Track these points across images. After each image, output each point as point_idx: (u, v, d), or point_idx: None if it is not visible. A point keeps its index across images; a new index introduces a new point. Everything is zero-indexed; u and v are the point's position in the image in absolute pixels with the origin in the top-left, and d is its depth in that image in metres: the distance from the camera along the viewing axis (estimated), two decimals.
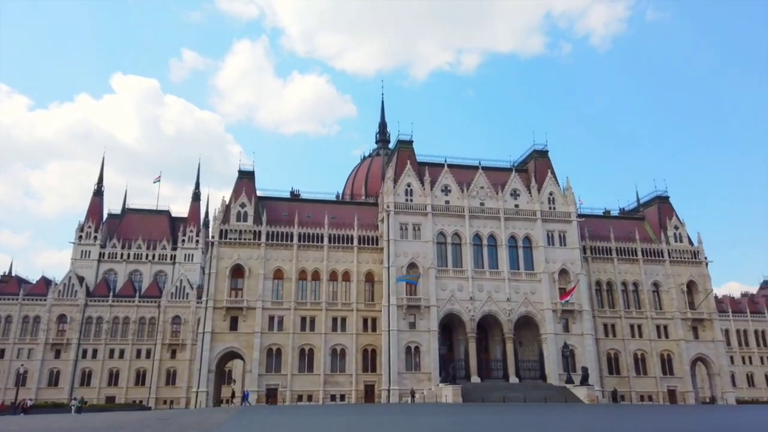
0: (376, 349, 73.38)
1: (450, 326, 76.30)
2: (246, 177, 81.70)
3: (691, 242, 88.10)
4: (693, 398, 78.93)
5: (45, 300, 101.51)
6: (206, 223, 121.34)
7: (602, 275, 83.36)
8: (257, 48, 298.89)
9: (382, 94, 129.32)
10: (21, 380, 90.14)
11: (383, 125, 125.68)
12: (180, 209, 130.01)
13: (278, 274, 75.48)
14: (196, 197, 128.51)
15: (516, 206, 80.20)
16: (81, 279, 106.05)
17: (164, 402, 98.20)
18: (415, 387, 67.86)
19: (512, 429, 24.61)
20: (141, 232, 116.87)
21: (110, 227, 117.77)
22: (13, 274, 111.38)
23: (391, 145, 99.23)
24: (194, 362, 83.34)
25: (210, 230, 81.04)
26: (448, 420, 30.70)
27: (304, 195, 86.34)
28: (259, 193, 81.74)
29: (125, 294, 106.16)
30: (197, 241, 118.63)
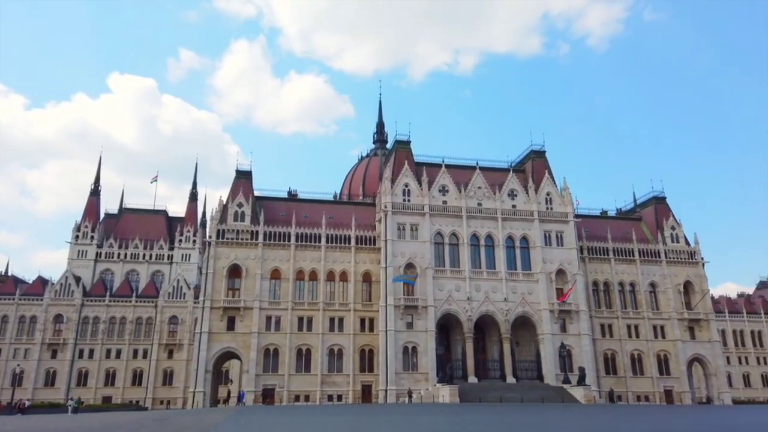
0: (374, 350, 73.40)
1: (447, 326, 76.36)
2: (243, 177, 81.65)
3: (688, 243, 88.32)
4: (689, 398, 79.18)
5: (41, 300, 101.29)
6: (203, 223, 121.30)
7: (599, 275, 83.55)
8: (255, 48, 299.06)
9: (380, 94, 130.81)
10: (17, 380, 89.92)
11: (381, 125, 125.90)
12: (177, 209, 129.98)
13: (275, 274, 75.45)
14: (194, 197, 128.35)
15: (513, 206, 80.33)
16: (78, 279, 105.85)
17: (161, 402, 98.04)
18: (413, 387, 67.88)
19: (509, 429, 24.64)
20: (138, 232, 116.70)
21: (107, 227, 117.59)
22: (10, 274, 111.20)
23: (389, 146, 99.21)
24: (191, 362, 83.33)
25: (207, 230, 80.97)
26: (446, 420, 30.72)
27: (302, 195, 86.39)
28: (257, 193, 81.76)
29: (122, 294, 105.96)
30: (194, 241, 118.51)
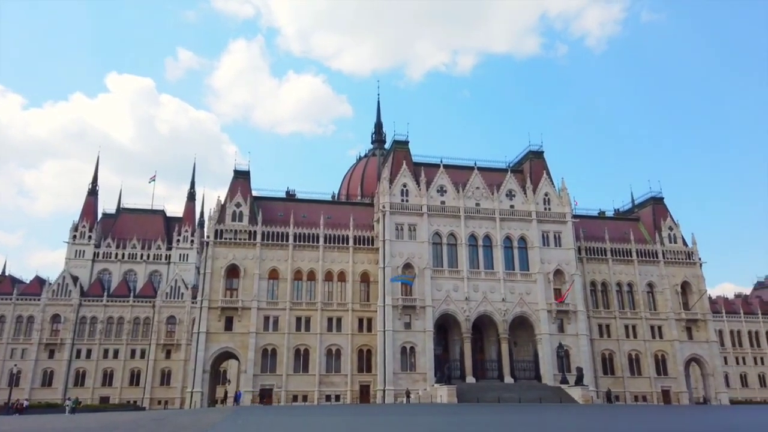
0: (372, 350, 73.36)
1: (445, 326, 76.36)
2: (241, 177, 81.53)
3: (686, 243, 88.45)
4: (687, 398, 79.30)
5: (39, 300, 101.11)
6: (201, 223, 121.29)
7: (597, 276, 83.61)
8: (253, 47, 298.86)
9: (378, 95, 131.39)
10: (14, 380, 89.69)
11: (379, 125, 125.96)
12: (175, 209, 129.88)
13: (273, 274, 75.35)
14: (191, 197, 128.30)
15: (511, 207, 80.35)
16: (75, 279, 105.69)
17: (158, 402, 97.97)
18: (411, 387, 67.84)
19: (507, 429, 24.66)
20: (136, 232, 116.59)
21: (105, 227, 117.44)
22: (7, 274, 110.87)
23: (387, 146, 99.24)
24: (189, 362, 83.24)
25: (205, 230, 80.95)
26: (444, 420, 30.75)
27: (300, 195, 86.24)
28: (255, 193, 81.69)
29: (120, 294, 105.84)
30: (192, 241, 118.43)
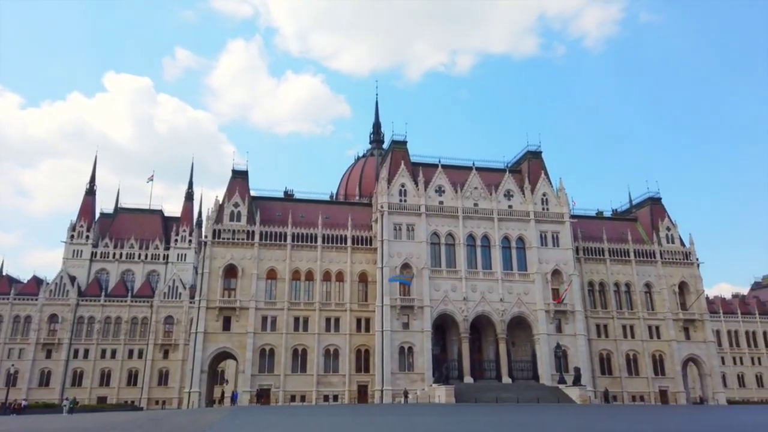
0: (370, 350, 73.37)
1: (443, 327, 76.38)
2: (239, 177, 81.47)
3: (683, 243, 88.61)
4: (684, 398, 79.44)
5: (36, 300, 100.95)
6: (199, 223, 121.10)
7: (595, 276, 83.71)
8: (251, 47, 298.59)
9: (377, 95, 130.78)
10: (11, 380, 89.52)
11: (377, 125, 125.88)
12: (173, 209, 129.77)
13: (271, 274, 75.29)
14: (189, 197, 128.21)
15: (509, 207, 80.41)
16: (73, 279, 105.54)
17: (156, 402, 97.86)
18: (409, 387, 67.86)
19: (505, 429, 24.68)
20: (133, 232, 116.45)
21: (102, 227, 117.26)
22: (4, 274, 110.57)
23: (385, 146, 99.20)
24: (187, 362, 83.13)
25: (203, 230, 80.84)
26: (441, 420, 30.76)
27: (298, 195, 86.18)
28: (253, 193, 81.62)
29: (117, 294, 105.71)
30: (190, 241, 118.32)
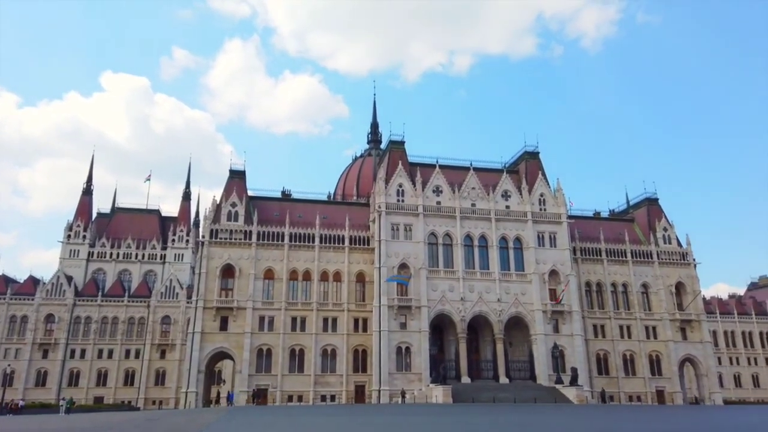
0: (367, 350, 73.36)
1: (441, 327, 76.42)
2: (237, 176, 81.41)
3: (680, 244, 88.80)
4: (681, 399, 79.64)
5: (32, 299, 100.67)
6: (197, 223, 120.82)
7: (592, 276, 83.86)
8: (249, 47, 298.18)
9: (374, 95, 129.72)
10: (8, 380, 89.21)
11: (375, 125, 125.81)
12: (170, 208, 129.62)
13: (269, 274, 75.25)
14: (187, 196, 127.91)
15: (507, 207, 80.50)
16: (69, 278, 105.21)
17: (153, 402, 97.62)
18: (406, 387, 67.89)
19: (502, 430, 24.70)
20: (130, 232, 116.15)
21: (99, 226, 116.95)
22: (1, 273, 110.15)
23: (383, 146, 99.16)
24: (184, 362, 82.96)
25: (200, 230, 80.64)
26: (438, 420, 30.76)
27: (296, 195, 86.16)
28: (250, 193, 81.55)
29: (114, 294, 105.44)
30: (187, 241, 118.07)
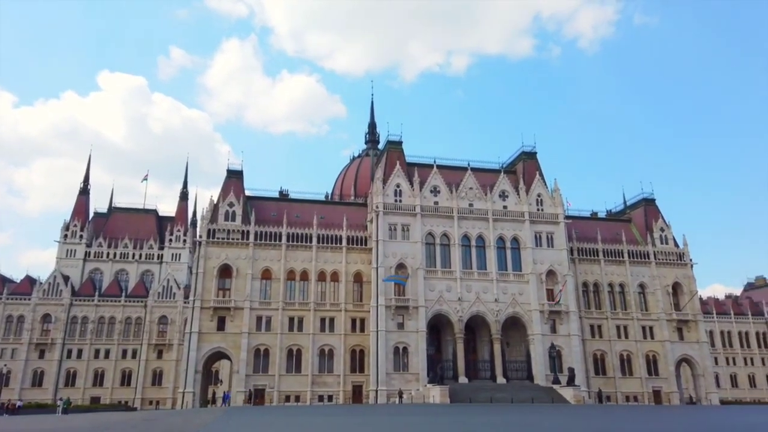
0: (365, 350, 73.35)
1: (438, 327, 76.45)
2: (234, 176, 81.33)
3: (677, 244, 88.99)
4: (678, 399, 79.82)
5: (29, 299, 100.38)
6: (194, 223, 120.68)
7: (589, 276, 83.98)
8: (246, 47, 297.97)
9: (372, 95, 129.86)
10: (4, 380, 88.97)
11: (373, 125, 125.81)
12: (167, 208, 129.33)
13: (266, 274, 75.19)
14: (184, 196, 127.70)
15: (504, 207, 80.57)
16: (66, 278, 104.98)
17: (150, 402, 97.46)
18: (403, 387, 67.90)
19: (499, 430, 24.72)
20: (128, 231, 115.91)
21: (96, 226, 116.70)
22: None
23: (381, 146, 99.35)
24: (181, 362, 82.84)
25: (198, 230, 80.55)
26: (436, 421, 30.77)
27: (293, 195, 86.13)
28: (248, 193, 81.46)
29: (111, 293, 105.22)
30: (185, 241, 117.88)
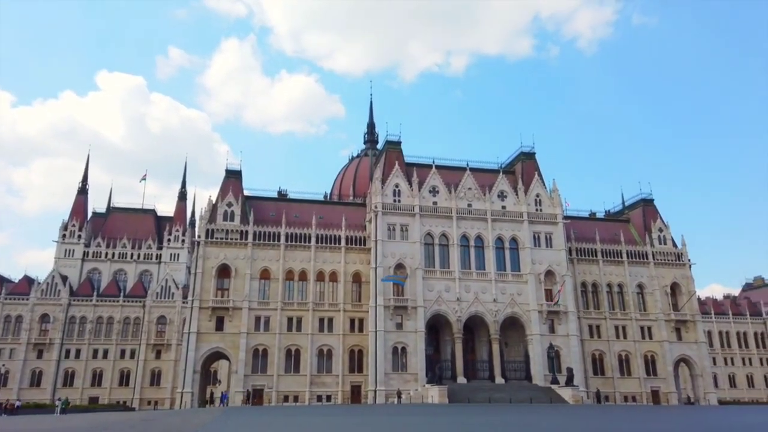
0: (363, 350, 73.34)
1: (437, 327, 76.48)
2: (233, 176, 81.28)
3: (675, 244, 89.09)
4: (676, 399, 79.92)
5: (27, 299, 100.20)
6: (192, 223, 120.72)
7: (588, 277, 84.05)
8: (245, 46, 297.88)
9: (371, 95, 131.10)
10: (2, 380, 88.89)
11: (371, 126, 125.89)
12: (166, 208, 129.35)
13: (265, 274, 75.15)
14: (183, 196, 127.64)
15: (503, 208, 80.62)
16: (64, 278, 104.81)
17: (148, 403, 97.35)
18: (402, 388, 67.90)
19: (497, 430, 24.73)
20: (126, 231, 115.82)
21: (95, 226, 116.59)
22: None
23: (380, 146, 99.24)
24: (179, 363, 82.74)
25: (196, 230, 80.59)
26: (434, 421, 30.77)
27: (292, 195, 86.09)
28: (247, 193, 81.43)
29: (109, 293, 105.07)
30: (183, 241, 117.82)
